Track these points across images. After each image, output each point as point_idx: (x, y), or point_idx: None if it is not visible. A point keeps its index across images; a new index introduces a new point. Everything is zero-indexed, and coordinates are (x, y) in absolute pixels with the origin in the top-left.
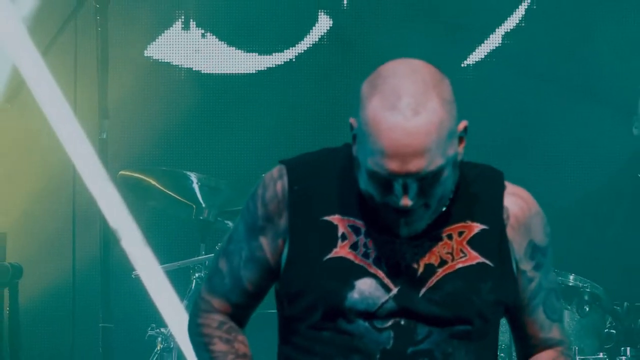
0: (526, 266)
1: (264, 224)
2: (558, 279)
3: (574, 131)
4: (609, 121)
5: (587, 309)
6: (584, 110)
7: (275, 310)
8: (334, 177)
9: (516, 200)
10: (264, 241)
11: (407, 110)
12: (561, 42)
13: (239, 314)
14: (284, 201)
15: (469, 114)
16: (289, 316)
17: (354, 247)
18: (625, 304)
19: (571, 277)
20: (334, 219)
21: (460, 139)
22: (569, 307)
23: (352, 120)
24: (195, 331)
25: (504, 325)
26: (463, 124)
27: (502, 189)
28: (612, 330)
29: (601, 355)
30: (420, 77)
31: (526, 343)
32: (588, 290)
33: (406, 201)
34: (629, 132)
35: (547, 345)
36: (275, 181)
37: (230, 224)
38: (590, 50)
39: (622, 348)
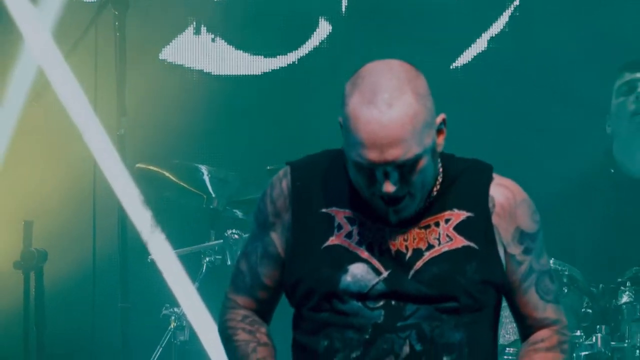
0: (515, 250)
1: (274, 220)
2: None
3: (554, 129)
4: (585, 120)
5: (566, 290)
6: (563, 109)
7: None
8: (333, 175)
9: (502, 190)
10: (275, 236)
11: (383, 105)
12: (541, 47)
13: (262, 309)
14: (289, 197)
15: (457, 111)
16: (294, 304)
17: (348, 235)
18: (601, 285)
19: (551, 262)
20: (332, 211)
21: (440, 131)
22: None
23: (340, 119)
24: (223, 327)
25: None
26: (441, 117)
27: (489, 180)
28: (588, 310)
29: (578, 332)
30: (395, 75)
31: (524, 323)
32: (567, 273)
33: (388, 187)
34: (603, 131)
35: (543, 324)
36: (281, 180)
37: (238, 212)
38: (568, 54)
39: (598, 326)
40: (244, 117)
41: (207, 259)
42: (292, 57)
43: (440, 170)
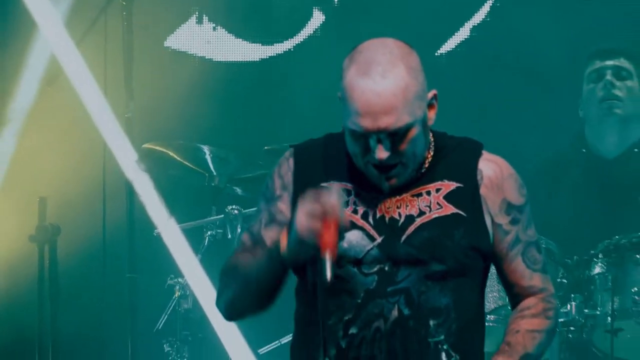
0: (502, 220)
1: (281, 192)
2: None
3: (531, 111)
4: (560, 103)
5: None
6: (540, 93)
7: None
8: (332, 153)
9: (491, 165)
10: (282, 206)
11: (377, 76)
12: (520, 35)
13: None
14: (293, 174)
15: (440, 95)
16: (295, 271)
17: (345, 205)
18: (575, 257)
19: None
20: (330, 184)
21: (431, 106)
22: None
23: (339, 93)
24: (224, 268)
25: None
26: (432, 92)
27: (478, 155)
28: (563, 280)
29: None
30: (389, 50)
31: (512, 291)
32: (543, 245)
33: (381, 154)
34: (576, 113)
35: (529, 292)
36: (287, 159)
37: (237, 189)
38: (544, 42)
39: (572, 295)
40: (244, 101)
41: (209, 232)
42: (288, 45)
43: (432, 144)
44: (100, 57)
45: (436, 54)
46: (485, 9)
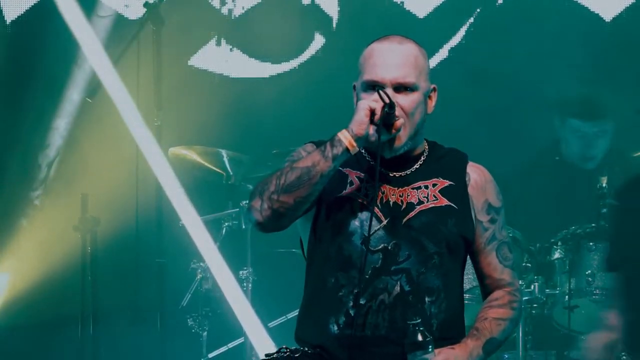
0: (483, 218)
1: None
2: None
3: (504, 120)
4: (535, 113)
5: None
6: (515, 104)
7: (297, 250)
8: None
9: (476, 170)
10: None
11: (394, 41)
12: (492, 54)
13: None
14: None
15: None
16: (309, 247)
17: (358, 189)
18: (538, 244)
19: None
20: (346, 171)
21: (430, 97)
22: None
23: (354, 84)
24: (259, 182)
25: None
26: (433, 86)
27: (466, 162)
28: (528, 264)
29: (520, 282)
30: (404, 38)
31: (484, 282)
32: (511, 235)
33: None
34: (544, 125)
35: (499, 285)
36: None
37: (250, 186)
38: (513, 59)
39: (535, 277)
40: (256, 111)
41: (226, 224)
42: (293, 64)
43: (427, 146)
44: (133, 74)
45: None
46: (461, 33)
